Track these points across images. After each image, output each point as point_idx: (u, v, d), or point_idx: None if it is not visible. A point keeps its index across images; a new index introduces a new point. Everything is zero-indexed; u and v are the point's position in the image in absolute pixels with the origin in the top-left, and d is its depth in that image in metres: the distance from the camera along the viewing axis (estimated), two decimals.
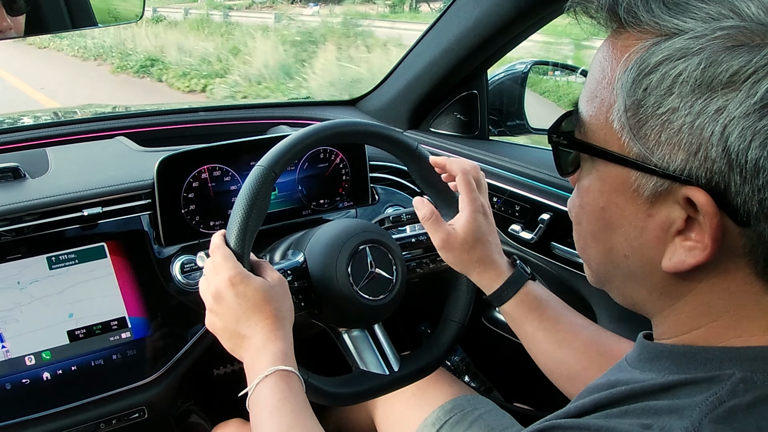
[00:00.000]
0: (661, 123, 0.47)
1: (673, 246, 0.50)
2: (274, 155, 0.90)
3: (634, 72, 0.48)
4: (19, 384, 0.95)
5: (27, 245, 1.00)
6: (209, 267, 0.87)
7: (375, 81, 1.63)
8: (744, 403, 0.46)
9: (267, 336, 0.82)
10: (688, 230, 0.49)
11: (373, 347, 1.03)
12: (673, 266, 0.50)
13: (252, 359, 0.82)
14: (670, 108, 0.46)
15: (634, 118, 0.48)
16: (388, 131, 1.01)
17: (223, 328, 0.85)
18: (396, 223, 1.15)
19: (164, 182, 1.11)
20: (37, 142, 1.29)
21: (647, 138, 0.48)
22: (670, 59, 0.46)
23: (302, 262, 0.99)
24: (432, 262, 1.14)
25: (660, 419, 0.47)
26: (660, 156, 0.47)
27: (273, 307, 0.83)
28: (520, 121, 1.54)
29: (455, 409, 1.12)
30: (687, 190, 0.47)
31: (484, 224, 0.94)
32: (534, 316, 0.92)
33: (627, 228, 0.52)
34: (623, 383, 0.54)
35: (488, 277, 0.93)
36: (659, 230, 0.50)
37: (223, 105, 1.61)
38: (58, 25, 1.16)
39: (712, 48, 0.44)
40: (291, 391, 0.78)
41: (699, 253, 0.48)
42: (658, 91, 0.47)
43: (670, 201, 0.49)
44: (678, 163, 0.47)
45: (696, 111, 0.45)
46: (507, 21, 1.22)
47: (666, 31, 0.47)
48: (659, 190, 0.49)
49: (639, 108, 0.48)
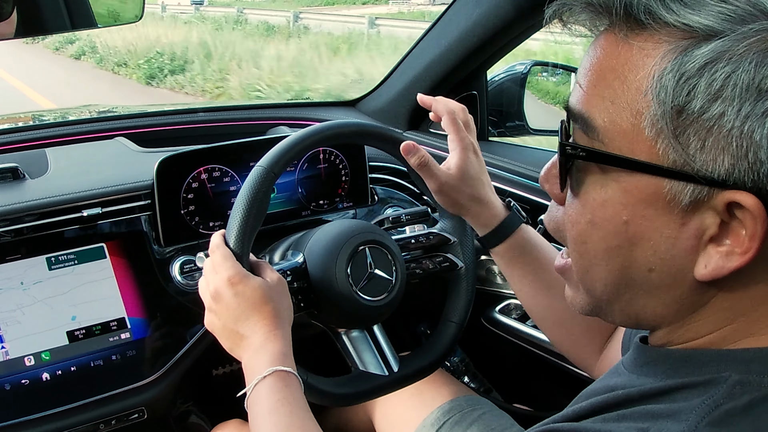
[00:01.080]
0: (708, 128, 0.45)
1: (706, 254, 0.48)
2: (273, 156, 0.90)
3: (673, 76, 0.46)
4: (18, 384, 0.95)
5: (26, 246, 1.00)
6: (208, 267, 0.87)
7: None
8: (740, 406, 0.46)
9: (266, 336, 0.82)
10: (722, 236, 0.47)
11: (372, 348, 1.03)
12: (711, 273, 0.48)
13: (250, 359, 0.82)
14: (718, 112, 0.45)
15: (673, 123, 0.46)
16: (387, 132, 1.02)
17: (221, 327, 0.85)
18: (395, 223, 1.15)
19: (164, 183, 1.11)
20: (37, 143, 1.29)
21: (689, 144, 0.46)
22: (715, 62, 0.45)
23: (302, 263, 0.99)
24: (432, 262, 1.14)
25: (657, 423, 0.47)
26: (702, 162, 0.46)
27: (272, 307, 0.83)
28: (520, 121, 1.54)
29: (454, 410, 1.12)
30: (732, 194, 0.45)
31: (475, 162, 0.94)
32: (526, 260, 0.92)
33: (657, 240, 0.50)
34: (620, 387, 0.53)
35: (485, 216, 0.93)
36: (693, 238, 0.48)
37: (223, 106, 1.61)
38: (57, 26, 1.16)
39: (757, 49, 0.44)
40: (290, 391, 0.78)
41: (738, 257, 0.47)
42: (704, 96, 0.45)
43: (705, 208, 0.47)
44: (724, 168, 0.45)
45: (744, 114, 0.44)
46: (506, 22, 1.22)
47: (696, 32, 0.46)
48: (698, 197, 0.47)
49: (681, 113, 0.46)
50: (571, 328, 0.90)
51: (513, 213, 0.94)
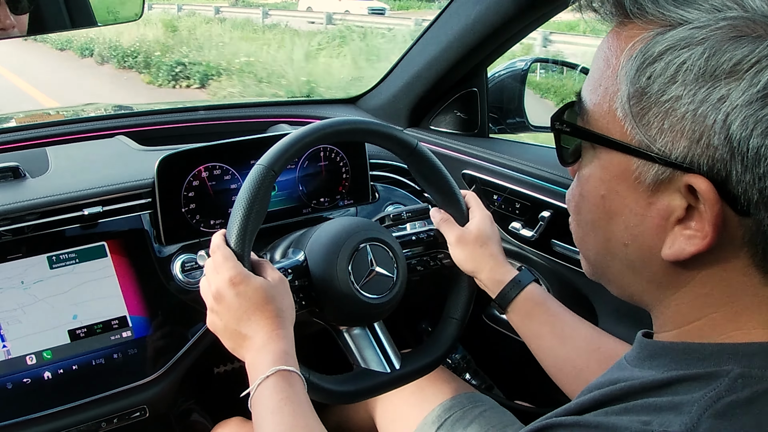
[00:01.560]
0: (665, 111, 0.47)
1: (673, 234, 0.50)
2: (273, 154, 0.90)
3: (638, 60, 0.48)
4: (20, 383, 0.95)
5: (27, 245, 1.00)
6: (210, 267, 0.87)
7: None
8: (742, 399, 0.46)
9: (268, 335, 0.82)
10: (688, 219, 0.49)
11: (374, 345, 1.03)
12: (673, 254, 0.50)
13: (253, 359, 0.82)
14: (674, 96, 0.47)
15: (637, 105, 0.49)
16: (387, 129, 1.02)
17: (224, 327, 0.85)
18: (396, 221, 1.15)
19: (164, 181, 1.11)
20: (37, 142, 1.29)
21: (650, 126, 0.48)
22: (674, 48, 0.46)
23: (303, 261, 0.99)
24: (433, 259, 1.14)
25: (659, 416, 0.47)
26: (662, 144, 0.48)
27: (274, 306, 0.84)
28: (520, 118, 1.54)
29: (455, 407, 1.12)
30: (688, 177, 0.47)
31: (491, 227, 1.05)
32: (540, 311, 0.97)
33: (627, 216, 0.53)
34: (623, 381, 0.54)
35: (499, 272, 1.00)
36: (660, 218, 0.50)
37: (223, 104, 1.61)
38: (57, 25, 1.16)
39: (715, 38, 0.45)
40: (293, 390, 0.78)
41: (698, 241, 0.48)
42: (661, 80, 0.47)
43: (671, 189, 0.49)
44: (680, 151, 0.47)
45: (699, 99, 0.45)
46: (507, 18, 1.22)
47: (671, 21, 0.48)
48: (660, 178, 0.49)
49: (642, 96, 0.48)
50: (588, 377, 0.91)
51: (524, 271, 1.01)
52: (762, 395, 0.46)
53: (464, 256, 1.03)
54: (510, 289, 0.98)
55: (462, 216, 1.06)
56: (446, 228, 1.05)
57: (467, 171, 1.38)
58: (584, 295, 1.21)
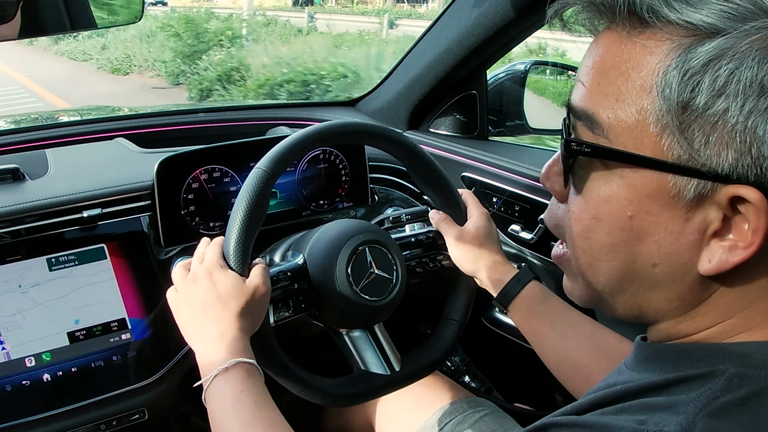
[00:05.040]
0: (712, 123, 0.46)
1: (710, 248, 0.49)
2: (272, 157, 0.90)
3: (678, 73, 0.46)
4: (19, 385, 0.95)
5: (27, 247, 1.00)
6: (196, 255, 0.89)
7: None
8: (738, 398, 0.46)
9: (226, 327, 0.82)
10: (725, 231, 0.48)
11: (374, 347, 1.03)
12: (715, 268, 0.49)
13: (207, 349, 0.82)
14: (722, 108, 0.45)
15: (678, 119, 0.47)
16: (384, 131, 1.02)
17: (186, 310, 0.86)
18: (396, 223, 1.15)
19: (164, 183, 1.11)
20: (37, 144, 1.29)
21: (692, 140, 0.47)
22: (719, 59, 0.45)
23: (302, 264, 0.99)
24: (432, 261, 1.14)
25: (655, 415, 0.47)
26: (706, 157, 0.46)
27: (239, 306, 0.84)
28: (520, 121, 1.54)
29: (455, 412, 1.12)
30: (736, 188, 0.46)
31: (489, 226, 1.05)
32: (541, 309, 0.97)
33: (661, 235, 0.50)
34: (620, 384, 0.54)
35: (499, 271, 1.00)
36: (697, 233, 0.49)
37: (223, 106, 1.61)
38: (56, 27, 1.16)
39: (759, 47, 0.45)
40: (253, 382, 0.78)
41: (741, 251, 0.47)
42: (708, 92, 0.46)
43: (709, 202, 0.48)
44: (728, 163, 0.46)
45: (748, 110, 0.45)
46: (506, 21, 1.22)
47: (698, 29, 0.46)
48: (702, 192, 0.47)
49: (686, 109, 0.47)
50: (589, 375, 0.91)
51: (524, 269, 1.02)
52: (757, 395, 0.46)
53: (463, 255, 1.03)
54: (511, 288, 0.98)
55: (461, 216, 1.06)
56: (445, 228, 1.05)
57: (466, 173, 1.38)
58: None
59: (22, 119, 1.56)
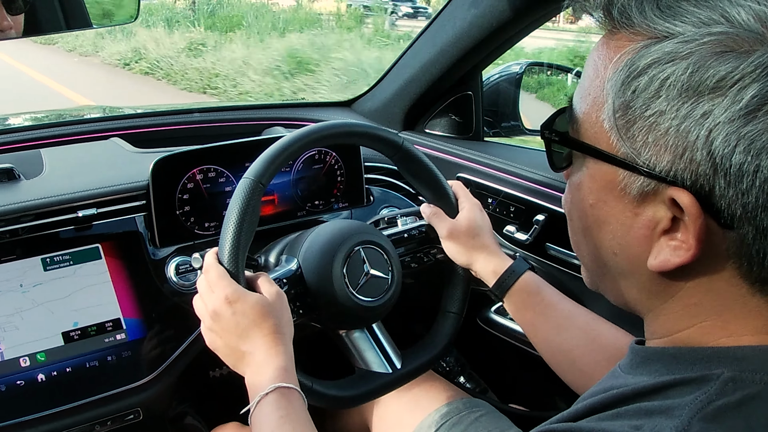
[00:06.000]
0: (649, 125, 0.48)
1: (658, 245, 0.51)
2: (259, 166, 0.89)
3: (623, 73, 0.49)
4: (13, 386, 0.95)
5: (21, 247, 1.00)
6: (204, 286, 0.87)
7: None
8: (733, 402, 0.46)
9: (267, 352, 0.82)
10: (674, 230, 0.49)
11: (374, 346, 1.03)
12: (658, 265, 0.50)
13: (253, 376, 0.82)
14: (658, 111, 0.47)
15: (622, 118, 0.49)
16: (371, 129, 1.01)
17: (224, 345, 0.85)
18: (391, 224, 1.15)
19: (159, 183, 1.10)
20: (32, 143, 1.29)
21: (635, 139, 0.49)
22: (659, 62, 0.46)
23: (297, 269, 0.99)
24: (426, 255, 1.14)
25: (651, 420, 0.47)
26: (647, 157, 0.48)
27: (272, 322, 0.83)
28: (515, 122, 1.55)
29: (451, 413, 1.12)
30: (672, 190, 0.47)
31: (481, 217, 1.05)
32: (536, 300, 0.97)
33: (614, 225, 0.53)
34: (616, 388, 0.54)
35: (494, 263, 1.01)
36: (645, 229, 0.51)
37: (218, 106, 1.61)
38: (52, 26, 1.16)
39: (700, 53, 0.45)
40: (292, 408, 0.78)
41: (683, 253, 0.48)
42: (646, 94, 0.47)
43: (657, 201, 0.49)
44: (664, 165, 0.47)
45: (682, 114, 0.46)
46: (502, 22, 1.22)
47: (657, 34, 0.47)
48: (646, 190, 0.49)
49: (627, 109, 0.49)
50: (583, 366, 0.92)
51: (519, 259, 1.01)
52: (752, 398, 0.46)
53: (457, 248, 1.03)
54: (506, 279, 0.99)
55: (452, 209, 1.06)
56: (437, 221, 1.05)
57: (462, 174, 1.38)
58: (579, 299, 1.21)
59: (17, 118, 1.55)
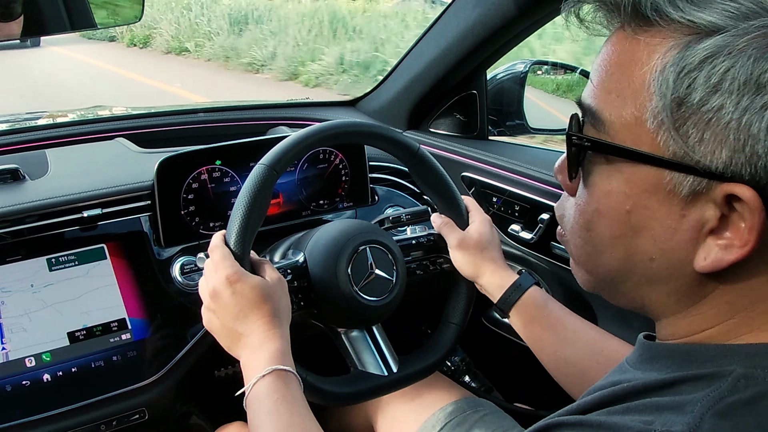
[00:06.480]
0: (706, 120, 0.46)
1: (706, 246, 0.49)
2: (275, 154, 0.90)
3: (675, 70, 0.47)
4: (19, 386, 0.95)
5: (27, 247, 1.00)
6: (208, 266, 0.87)
7: None
8: (745, 399, 0.46)
9: (264, 335, 0.82)
10: (722, 229, 0.48)
11: (371, 348, 1.02)
12: (710, 265, 0.49)
13: (249, 358, 0.82)
14: (717, 105, 0.46)
15: (674, 115, 0.47)
16: (390, 132, 1.02)
17: (220, 326, 0.85)
18: (396, 223, 1.15)
19: (164, 183, 1.10)
20: (37, 144, 1.29)
21: (688, 136, 0.47)
22: (715, 56, 0.45)
23: (302, 262, 0.99)
24: (432, 264, 1.14)
25: (662, 415, 0.47)
26: (701, 154, 0.47)
27: (270, 306, 0.84)
28: (520, 121, 1.54)
29: (456, 412, 1.11)
30: (730, 186, 0.46)
31: (491, 231, 1.05)
32: (542, 315, 0.97)
33: (657, 230, 0.51)
34: (625, 382, 0.54)
35: (500, 276, 1.00)
36: (692, 230, 0.49)
37: (223, 106, 1.61)
38: (56, 27, 1.16)
39: (757, 45, 0.45)
40: (289, 390, 0.78)
41: (737, 250, 0.47)
42: (703, 89, 0.46)
43: (705, 200, 0.48)
44: (722, 160, 0.46)
45: (743, 107, 0.45)
46: (507, 21, 1.22)
47: (700, 28, 0.46)
48: (697, 189, 0.48)
49: (681, 106, 0.47)
50: (591, 378, 0.91)
51: (525, 274, 1.01)
52: (765, 395, 0.46)
53: (465, 260, 1.03)
54: (511, 294, 0.98)
55: (463, 220, 1.06)
56: (447, 232, 1.05)
57: (466, 173, 1.38)
58: (584, 298, 1.21)
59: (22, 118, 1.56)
